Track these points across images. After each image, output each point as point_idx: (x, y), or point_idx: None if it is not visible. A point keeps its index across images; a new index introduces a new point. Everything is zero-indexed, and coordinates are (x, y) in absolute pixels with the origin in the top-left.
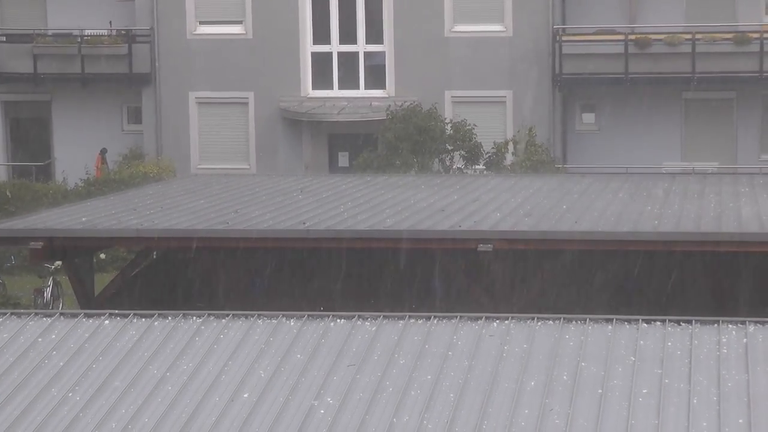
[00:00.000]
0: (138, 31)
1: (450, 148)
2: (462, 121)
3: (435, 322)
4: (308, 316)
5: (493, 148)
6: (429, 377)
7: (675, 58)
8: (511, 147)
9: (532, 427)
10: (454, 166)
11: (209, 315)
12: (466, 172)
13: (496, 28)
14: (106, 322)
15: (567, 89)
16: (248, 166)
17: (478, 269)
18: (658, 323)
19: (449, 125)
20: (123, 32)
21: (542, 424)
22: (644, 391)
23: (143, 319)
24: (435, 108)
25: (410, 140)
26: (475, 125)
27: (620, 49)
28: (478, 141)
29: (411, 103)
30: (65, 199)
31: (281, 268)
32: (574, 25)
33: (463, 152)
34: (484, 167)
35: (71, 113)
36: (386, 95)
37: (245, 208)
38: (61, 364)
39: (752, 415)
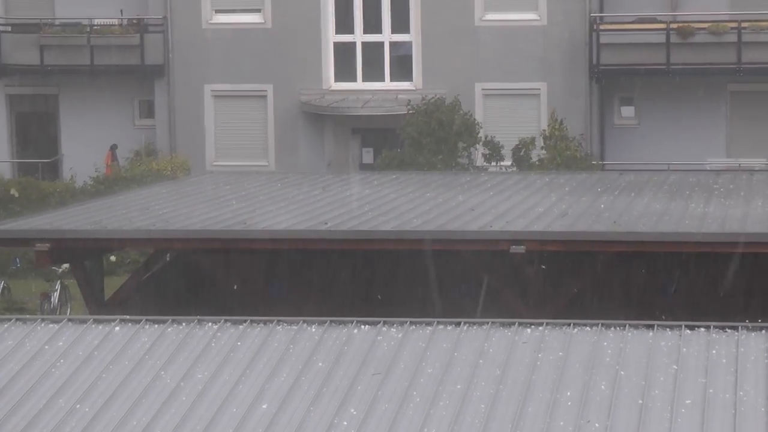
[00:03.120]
0: (150, 21)
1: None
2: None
3: (465, 328)
4: (330, 321)
5: (518, 144)
6: (458, 387)
7: (720, 48)
8: (540, 142)
9: None
10: (476, 163)
11: (225, 321)
12: (488, 170)
13: (530, 16)
14: (117, 328)
15: (605, 81)
16: (267, 163)
17: (510, 272)
18: (702, 330)
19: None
20: (134, 21)
21: None
22: (687, 401)
23: (156, 325)
24: (458, 101)
25: (433, 136)
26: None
27: (661, 38)
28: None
29: (434, 97)
30: (73, 198)
31: (302, 271)
32: (612, 13)
33: (485, 149)
34: (512, 164)
35: (80, 107)
36: (413, 88)
37: (263, 208)
38: (69, 373)
39: None
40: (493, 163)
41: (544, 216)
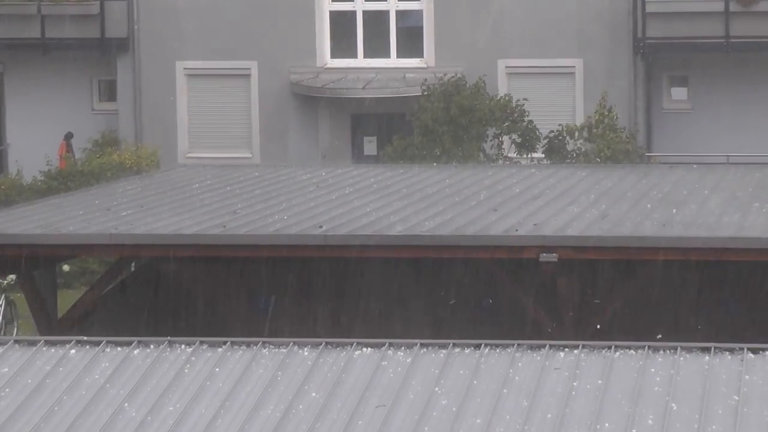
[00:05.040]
0: None
1: (497, 131)
2: (506, 96)
3: (486, 351)
4: (326, 343)
5: (552, 132)
6: (478, 421)
7: None
8: (584, 132)
9: None
10: (504, 154)
11: (201, 343)
12: (518, 162)
13: None
14: (72, 351)
15: (651, 58)
16: (251, 155)
17: (539, 285)
18: None
19: (495, 101)
20: None
21: None
22: None
23: (119, 348)
24: (483, 82)
25: (452, 124)
26: (525, 99)
27: (719, 6)
28: (532, 122)
29: (452, 77)
30: (20, 197)
31: (292, 284)
32: None
33: (515, 137)
34: (543, 155)
35: (28, 88)
36: (424, 65)
37: (247, 208)
38: (16, 404)
39: None
40: (525, 155)
41: (579, 218)
